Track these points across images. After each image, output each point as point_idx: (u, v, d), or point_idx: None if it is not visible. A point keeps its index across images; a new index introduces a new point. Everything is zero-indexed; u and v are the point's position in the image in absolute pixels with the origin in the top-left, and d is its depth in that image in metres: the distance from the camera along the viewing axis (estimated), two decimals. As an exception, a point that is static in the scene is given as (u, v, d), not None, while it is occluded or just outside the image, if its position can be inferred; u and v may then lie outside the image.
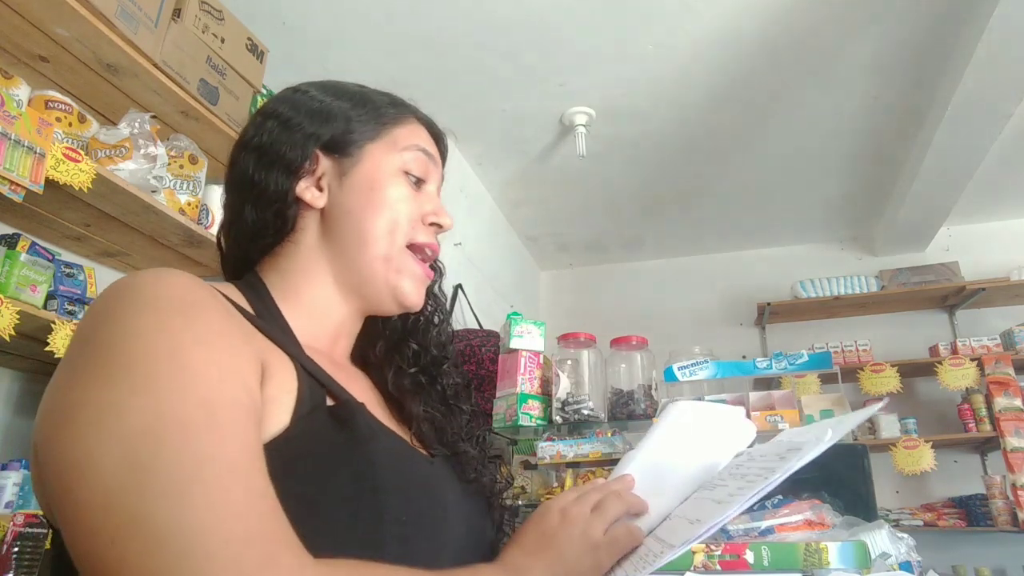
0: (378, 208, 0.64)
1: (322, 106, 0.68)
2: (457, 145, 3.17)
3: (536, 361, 1.92)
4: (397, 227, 0.64)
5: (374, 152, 0.66)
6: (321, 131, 0.66)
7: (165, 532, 0.38)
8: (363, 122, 0.67)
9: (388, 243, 0.64)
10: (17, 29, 1.50)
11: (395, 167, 0.66)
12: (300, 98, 0.70)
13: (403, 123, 0.69)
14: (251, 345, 0.51)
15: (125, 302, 0.47)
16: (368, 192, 0.64)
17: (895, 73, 2.67)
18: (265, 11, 2.26)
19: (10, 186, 1.30)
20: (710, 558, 1.23)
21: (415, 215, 0.66)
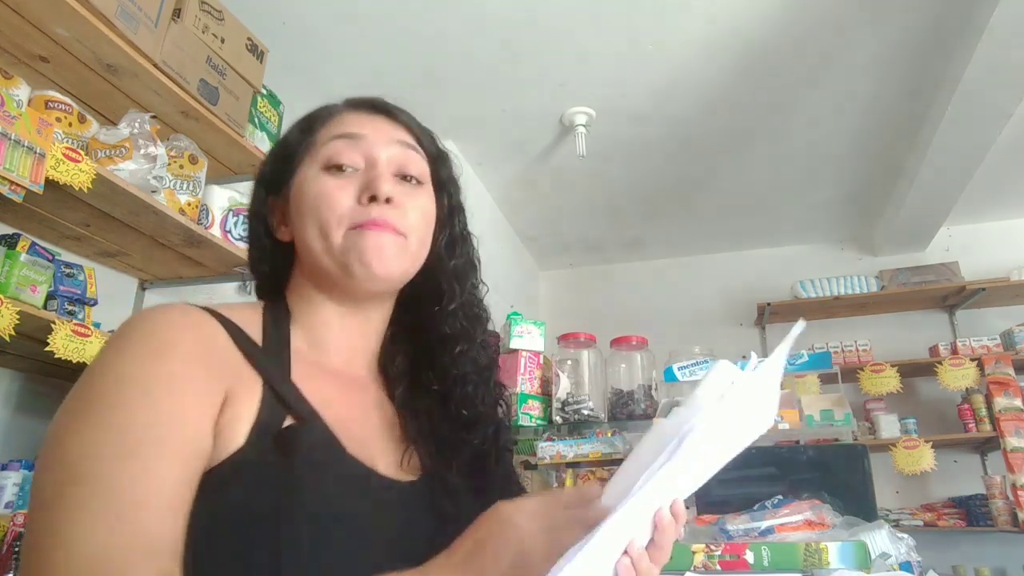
0: (305, 218, 0.67)
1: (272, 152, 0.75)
2: (457, 145, 3.17)
3: (536, 361, 1.92)
4: (326, 224, 0.66)
5: (301, 172, 0.69)
6: (266, 177, 0.73)
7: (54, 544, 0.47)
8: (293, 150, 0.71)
9: (323, 242, 0.66)
10: (17, 29, 1.50)
11: (315, 171, 0.68)
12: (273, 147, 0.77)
13: (324, 125, 0.71)
14: (216, 379, 0.57)
15: (118, 340, 0.57)
16: (297, 209, 0.68)
17: (895, 73, 2.67)
18: (265, 11, 2.26)
19: (10, 186, 1.30)
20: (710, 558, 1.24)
21: (344, 202, 0.66)
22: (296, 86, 2.57)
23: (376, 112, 0.73)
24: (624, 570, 0.54)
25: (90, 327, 1.54)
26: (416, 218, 0.69)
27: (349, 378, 0.70)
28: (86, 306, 1.64)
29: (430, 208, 0.72)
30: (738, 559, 1.22)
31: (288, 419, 0.59)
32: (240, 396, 0.58)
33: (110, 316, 1.92)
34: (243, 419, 0.57)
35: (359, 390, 0.70)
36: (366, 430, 0.66)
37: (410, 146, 0.72)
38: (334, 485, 0.58)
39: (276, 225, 0.72)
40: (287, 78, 2.44)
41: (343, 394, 0.67)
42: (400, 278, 0.70)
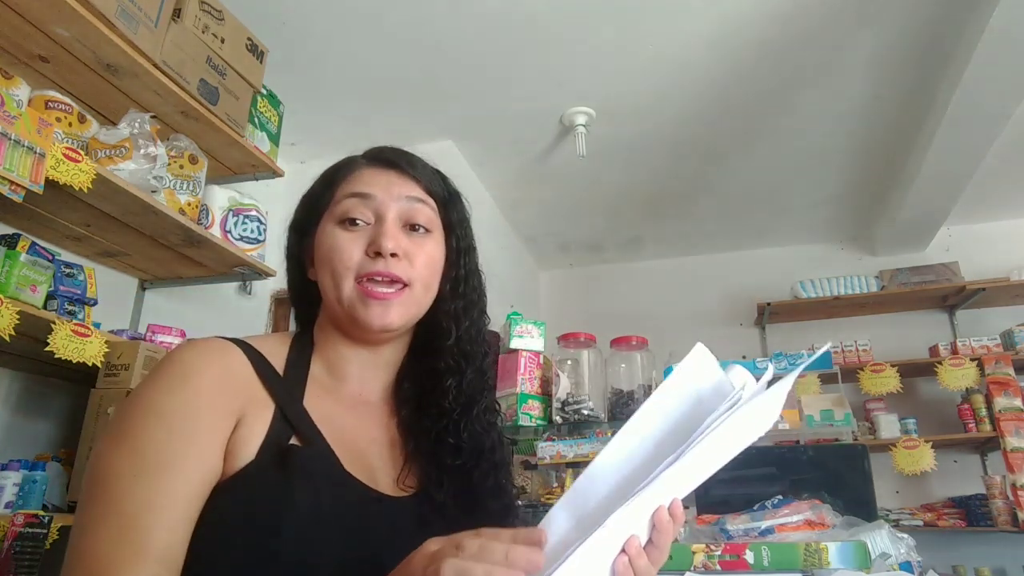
0: (322, 266, 0.76)
1: (302, 201, 0.83)
2: (457, 145, 3.17)
3: (536, 361, 1.92)
4: (338, 274, 0.74)
5: (322, 223, 0.78)
6: (298, 223, 0.82)
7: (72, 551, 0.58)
8: (316, 201, 0.80)
9: (336, 289, 0.74)
10: (17, 29, 1.50)
11: (332, 225, 0.76)
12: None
13: (343, 180, 0.79)
14: (230, 403, 0.65)
15: (153, 370, 0.67)
16: (318, 259, 0.77)
17: (895, 73, 2.67)
18: (265, 11, 2.26)
19: (10, 186, 1.30)
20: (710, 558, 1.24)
21: (354, 255, 0.74)
22: (296, 86, 2.58)
23: (388, 167, 0.80)
24: (622, 568, 0.55)
25: (90, 327, 1.54)
26: (422, 266, 0.76)
27: (361, 402, 0.77)
28: (86, 306, 1.64)
29: (437, 255, 0.79)
30: (738, 559, 1.22)
31: (294, 438, 0.67)
32: (253, 417, 0.66)
33: (110, 316, 1.92)
34: (254, 437, 0.64)
35: (368, 413, 0.77)
36: (369, 448, 0.73)
37: (417, 199, 0.78)
38: (325, 497, 0.64)
39: (308, 265, 0.80)
40: (287, 78, 2.44)
41: (351, 417, 0.74)
42: (401, 328, 0.76)
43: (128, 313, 2.14)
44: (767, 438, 1.90)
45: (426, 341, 0.81)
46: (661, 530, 0.57)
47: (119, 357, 1.62)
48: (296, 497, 0.62)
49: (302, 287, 0.81)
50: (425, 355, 0.81)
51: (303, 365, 0.75)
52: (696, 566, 1.22)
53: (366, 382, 0.79)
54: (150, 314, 2.16)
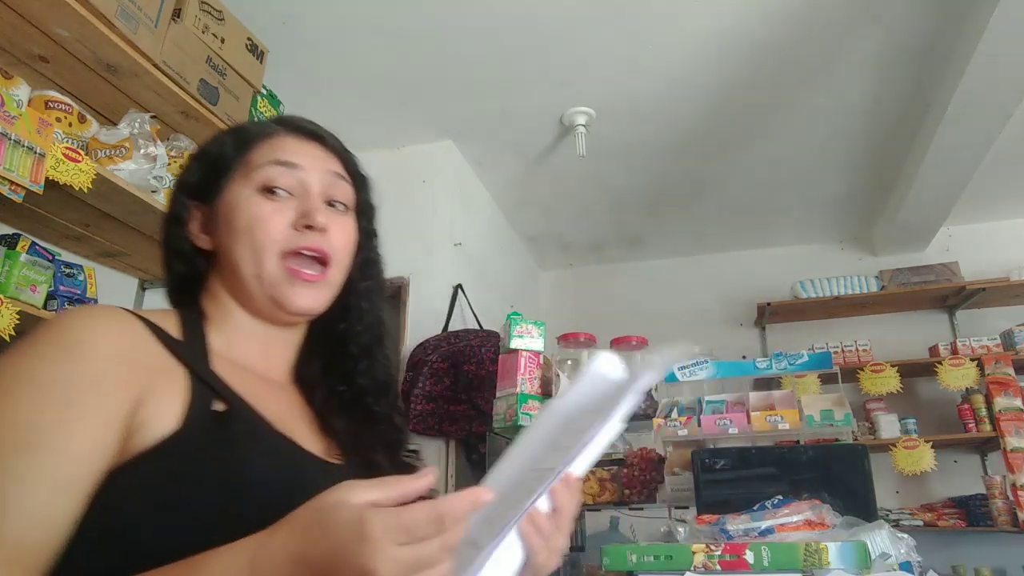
0: (237, 237, 0.70)
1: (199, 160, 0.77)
2: (457, 145, 3.17)
3: (536, 361, 1.92)
4: (261, 246, 0.69)
5: (232, 187, 0.72)
6: (190, 183, 0.75)
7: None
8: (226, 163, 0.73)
9: (254, 262, 0.69)
10: (17, 29, 1.50)
11: (248, 191, 0.71)
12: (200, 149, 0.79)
13: (261, 145, 0.74)
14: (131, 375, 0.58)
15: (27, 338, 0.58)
16: (227, 226, 0.71)
17: (895, 73, 2.67)
18: (265, 11, 2.26)
19: (10, 186, 1.30)
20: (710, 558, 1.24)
21: (280, 227, 0.70)
22: (296, 86, 2.58)
23: (311, 139, 0.77)
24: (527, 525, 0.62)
25: (90, 327, 1.54)
26: (341, 244, 0.74)
27: (268, 380, 0.74)
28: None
29: (353, 234, 0.77)
30: (738, 559, 1.21)
31: (217, 403, 0.62)
32: (163, 386, 0.60)
33: (110, 316, 1.92)
34: (172, 405, 0.59)
35: (279, 390, 0.74)
36: (293, 423, 0.70)
37: (340, 175, 0.76)
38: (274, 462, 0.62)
39: (195, 232, 0.74)
40: (287, 78, 2.44)
41: (264, 391, 0.70)
42: (321, 311, 0.75)
43: (128, 313, 2.14)
44: (767, 438, 1.90)
45: (332, 322, 0.79)
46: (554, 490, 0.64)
47: (119, 357, 1.62)
48: (246, 463, 0.59)
49: (186, 254, 0.74)
50: (334, 336, 0.79)
51: (200, 336, 0.69)
52: (696, 566, 1.22)
53: (270, 360, 0.75)
54: (150, 314, 2.15)
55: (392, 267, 2.78)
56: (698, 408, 1.94)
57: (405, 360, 2.63)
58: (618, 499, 2.03)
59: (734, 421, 1.83)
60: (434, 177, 3.12)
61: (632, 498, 2.00)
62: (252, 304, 0.72)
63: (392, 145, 3.15)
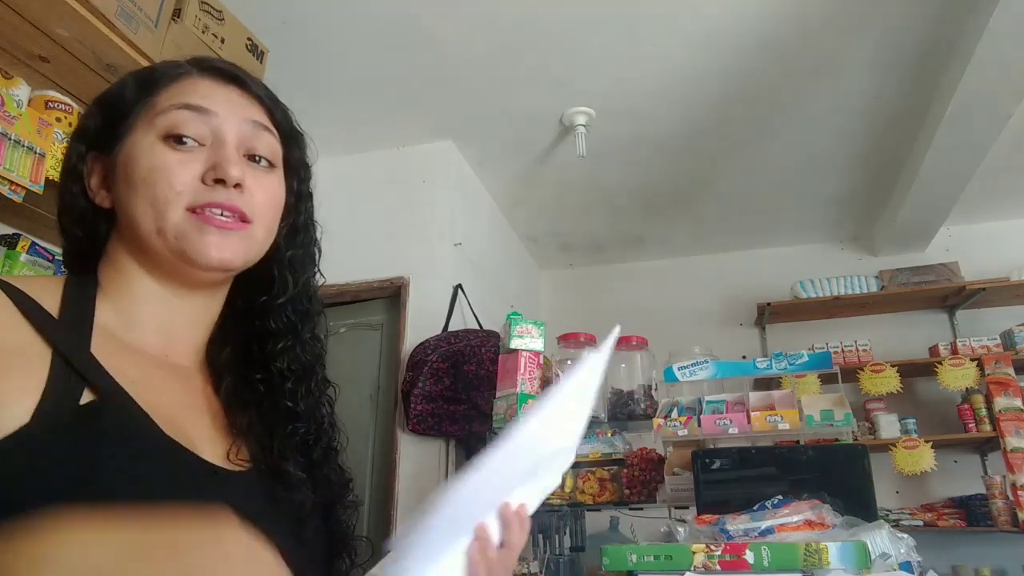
0: (135, 190, 0.60)
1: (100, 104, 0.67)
2: (457, 145, 3.17)
3: (536, 361, 1.92)
4: (162, 201, 0.60)
5: (133, 135, 0.63)
6: (89, 132, 0.66)
7: None
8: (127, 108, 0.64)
9: (154, 218, 0.60)
10: (17, 29, 1.50)
11: (151, 139, 0.61)
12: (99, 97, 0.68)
13: (168, 87, 0.64)
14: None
15: None
16: (126, 179, 0.62)
17: (895, 73, 2.67)
18: (265, 11, 2.26)
19: (10, 186, 1.30)
20: (710, 558, 1.24)
21: (184, 179, 0.60)
22: (296, 86, 2.58)
23: (229, 82, 0.66)
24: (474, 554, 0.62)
25: (90, 327, 1.54)
26: (264, 203, 0.64)
27: (168, 365, 0.64)
28: (86, 306, 1.64)
29: (279, 193, 0.68)
30: (738, 559, 1.22)
31: (88, 394, 0.53)
32: (17, 369, 0.51)
33: (110, 316, 1.92)
34: (23, 394, 0.50)
35: (179, 378, 0.64)
36: (188, 418, 0.61)
37: (263, 126, 0.66)
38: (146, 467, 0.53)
39: (95, 187, 0.65)
40: (287, 78, 2.43)
41: (158, 378, 0.61)
42: (237, 268, 0.65)
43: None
44: (767, 438, 1.90)
45: (252, 295, 0.70)
46: (507, 525, 0.65)
47: (119, 357, 1.62)
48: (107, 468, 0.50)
49: (83, 213, 0.65)
50: (252, 312, 0.70)
51: (85, 309, 0.59)
52: (696, 566, 1.23)
53: (174, 338, 0.65)
54: (150, 314, 2.16)
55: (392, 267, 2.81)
56: (698, 408, 1.94)
57: (405, 360, 2.63)
58: (618, 499, 2.03)
59: (734, 421, 1.83)
60: (434, 177, 3.12)
61: (632, 498, 2.00)
62: (156, 265, 0.62)
63: (392, 145, 3.15)
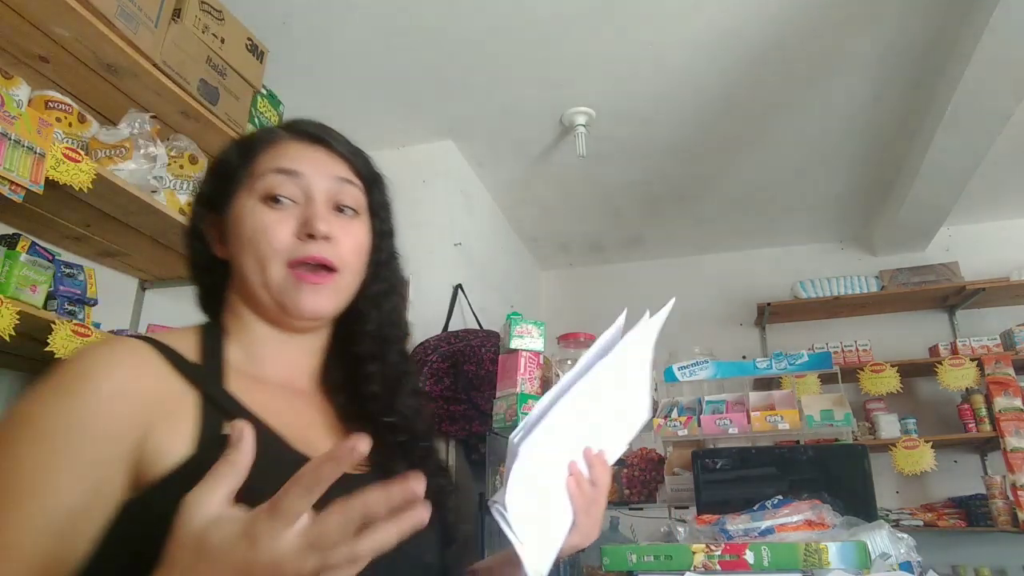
0: (243, 248, 0.70)
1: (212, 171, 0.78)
2: (457, 145, 3.17)
3: (536, 361, 1.92)
4: (264, 257, 0.69)
5: (239, 196, 0.72)
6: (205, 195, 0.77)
7: None
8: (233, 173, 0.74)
9: (260, 274, 0.70)
10: (17, 29, 1.50)
11: (253, 202, 0.71)
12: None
13: (265, 152, 0.74)
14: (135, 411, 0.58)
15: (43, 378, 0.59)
16: (236, 237, 0.72)
17: (895, 73, 2.67)
18: (265, 11, 2.26)
19: (10, 186, 1.30)
20: (710, 558, 1.24)
21: (283, 237, 0.70)
22: (296, 86, 2.58)
23: (315, 143, 0.76)
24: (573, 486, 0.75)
25: (90, 327, 1.54)
26: (349, 250, 0.73)
27: (290, 390, 0.73)
28: (86, 306, 1.64)
29: (363, 238, 0.76)
30: (738, 559, 1.22)
31: (227, 426, 0.60)
32: (174, 413, 0.60)
33: (110, 316, 1.92)
34: (183, 433, 0.59)
35: (301, 400, 0.74)
36: (313, 434, 0.70)
37: (346, 180, 0.75)
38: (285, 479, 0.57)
39: (214, 243, 0.75)
40: (287, 78, 2.44)
41: (284, 402, 0.70)
42: (333, 314, 0.74)
43: (128, 313, 2.14)
44: (767, 438, 1.90)
45: (346, 326, 0.79)
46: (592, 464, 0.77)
47: (119, 357, 1.62)
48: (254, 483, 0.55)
49: (207, 265, 0.75)
50: (346, 341, 0.79)
51: (218, 352, 0.69)
52: (696, 566, 1.23)
53: (292, 368, 0.75)
54: (150, 314, 2.16)
55: (392, 267, 2.65)
56: (698, 408, 1.94)
57: (405, 360, 2.62)
58: (618, 499, 2.03)
59: (734, 421, 1.83)
60: (434, 177, 3.12)
61: (632, 498, 2.00)
62: (264, 312, 0.72)
63: (392, 145, 3.15)
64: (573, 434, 0.77)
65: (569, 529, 0.76)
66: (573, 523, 0.76)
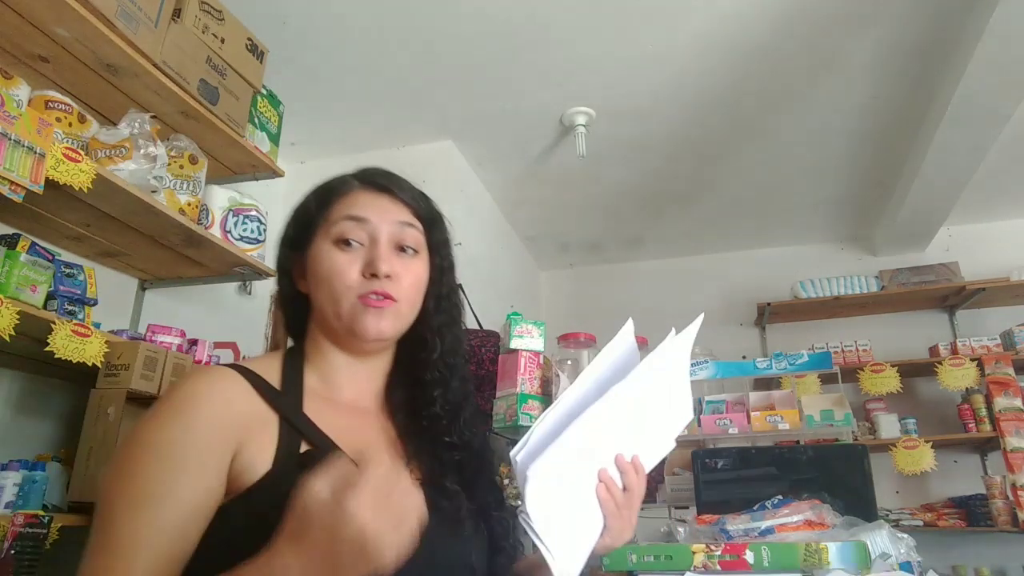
0: (320, 284, 0.82)
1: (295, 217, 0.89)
2: (457, 145, 3.17)
3: (536, 361, 1.92)
4: (338, 295, 0.80)
5: (317, 239, 0.84)
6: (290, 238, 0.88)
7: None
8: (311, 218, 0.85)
9: (334, 307, 0.81)
10: (17, 29, 1.50)
11: (328, 244, 0.82)
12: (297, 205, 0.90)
13: (338, 200, 0.85)
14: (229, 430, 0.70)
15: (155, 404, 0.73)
16: (314, 275, 0.83)
17: (895, 73, 2.67)
18: (265, 11, 2.26)
19: (10, 186, 1.30)
20: (710, 558, 1.24)
21: (353, 276, 0.81)
22: (296, 86, 2.58)
23: (382, 192, 0.87)
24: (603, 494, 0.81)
25: (90, 327, 1.54)
26: (409, 285, 0.83)
27: (356, 410, 0.84)
28: (86, 306, 1.64)
29: (423, 274, 0.86)
30: (738, 559, 1.22)
31: (304, 444, 0.73)
32: (259, 433, 0.71)
33: (110, 316, 1.92)
34: (265, 450, 0.70)
35: (364, 418, 0.84)
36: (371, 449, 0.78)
37: (407, 223, 0.85)
38: None
39: (297, 279, 0.87)
40: (287, 78, 2.44)
41: (351, 422, 0.81)
42: (392, 338, 0.85)
43: (128, 313, 2.14)
44: (767, 438, 1.90)
45: (411, 354, 0.89)
46: (624, 471, 0.83)
47: (119, 357, 1.62)
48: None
49: (292, 298, 0.87)
50: (412, 367, 0.88)
51: (298, 378, 0.80)
52: (696, 566, 1.23)
53: (359, 390, 0.85)
54: (150, 314, 2.16)
55: (392, 267, 2.63)
56: (698, 408, 1.94)
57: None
58: (618, 499, 2.03)
59: (734, 421, 1.83)
60: (434, 177, 3.10)
61: (632, 498, 2.00)
62: (338, 339, 0.83)
63: (392, 145, 3.15)
64: (600, 446, 0.81)
65: (601, 532, 0.82)
66: (604, 526, 0.82)
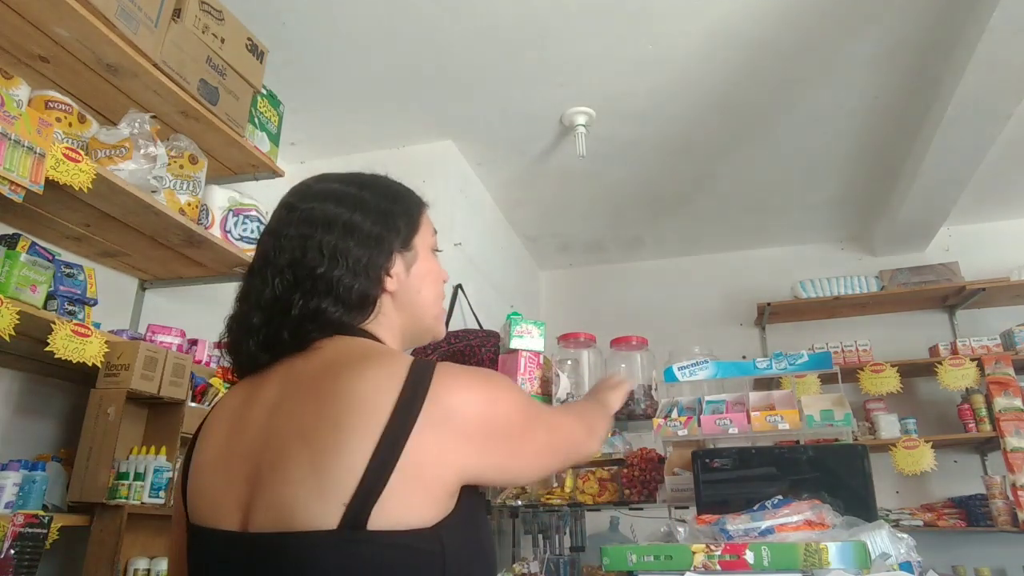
0: (429, 287, 0.91)
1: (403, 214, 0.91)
2: (457, 145, 3.17)
3: (536, 361, 1.92)
4: (442, 295, 0.94)
5: (419, 243, 0.91)
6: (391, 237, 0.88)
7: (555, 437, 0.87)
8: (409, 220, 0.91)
9: (436, 306, 0.93)
10: (17, 29, 1.50)
11: (429, 251, 0.93)
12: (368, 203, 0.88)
13: (423, 212, 0.95)
14: None
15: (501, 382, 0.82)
16: (423, 275, 0.91)
17: (895, 73, 2.67)
18: (265, 11, 2.26)
19: (10, 186, 1.30)
20: (710, 558, 1.23)
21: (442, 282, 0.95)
22: (296, 86, 2.58)
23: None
24: None
25: (90, 327, 1.54)
26: None
27: None
28: (86, 306, 1.64)
29: None
30: (738, 559, 1.21)
31: None
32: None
33: (110, 316, 1.92)
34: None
35: None
36: None
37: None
38: None
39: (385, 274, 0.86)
40: (287, 78, 2.44)
41: None
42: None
43: (128, 313, 2.14)
44: (767, 438, 1.89)
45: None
46: None
47: (119, 357, 1.62)
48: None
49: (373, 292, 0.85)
50: None
51: None
52: (696, 566, 1.22)
53: None
54: (150, 314, 2.16)
55: (392, 267, 2.64)
56: (698, 408, 1.93)
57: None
58: (618, 499, 2.03)
59: (734, 421, 1.83)
60: (434, 177, 3.12)
61: (632, 498, 2.00)
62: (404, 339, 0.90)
63: (392, 145, 3.15)
64: None
65: None
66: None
